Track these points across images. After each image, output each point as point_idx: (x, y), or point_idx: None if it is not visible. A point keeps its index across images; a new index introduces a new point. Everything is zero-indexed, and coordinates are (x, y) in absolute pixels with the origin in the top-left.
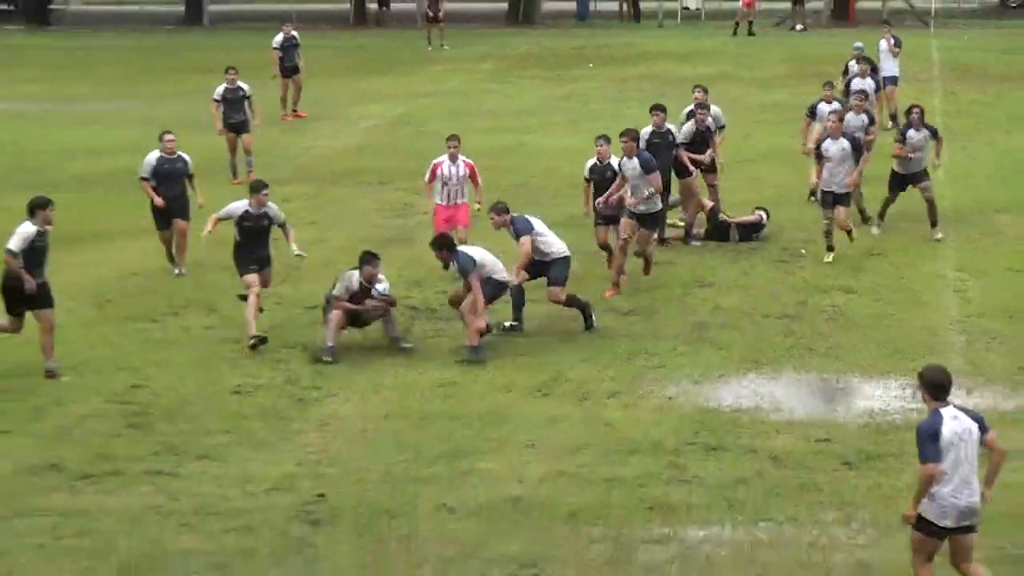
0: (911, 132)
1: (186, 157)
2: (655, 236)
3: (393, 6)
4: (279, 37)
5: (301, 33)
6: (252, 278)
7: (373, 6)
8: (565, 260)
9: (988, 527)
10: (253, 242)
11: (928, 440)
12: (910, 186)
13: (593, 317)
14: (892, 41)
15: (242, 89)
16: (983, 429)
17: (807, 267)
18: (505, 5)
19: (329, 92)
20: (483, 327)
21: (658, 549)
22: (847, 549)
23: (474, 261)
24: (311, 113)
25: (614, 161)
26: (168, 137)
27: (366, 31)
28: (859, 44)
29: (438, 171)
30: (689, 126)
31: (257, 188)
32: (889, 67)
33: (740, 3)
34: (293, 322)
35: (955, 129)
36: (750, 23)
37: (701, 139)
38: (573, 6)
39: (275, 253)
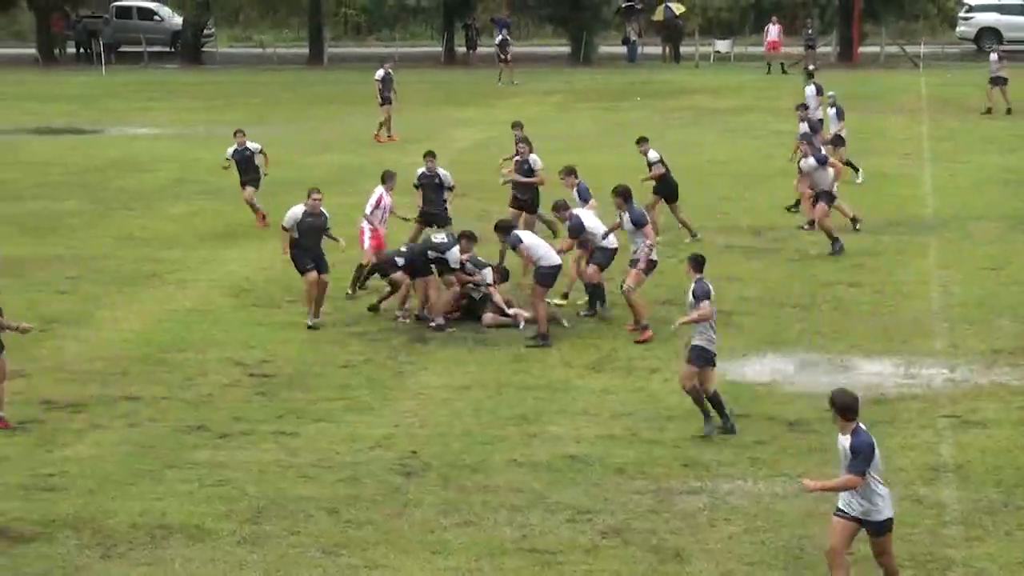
0: None
1: (327, 214)
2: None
3: (477, 48)
4: (380, 72)
5: (402, 70)
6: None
7: (461, 49)
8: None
9: (970, 483)
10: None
11: (868, 456)
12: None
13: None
14: (815, 88)
15: (249, 149)
16: None
17: (816, 265)
18: (569, 49)
19: (425, 119)
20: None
21: (692, 499)
22: None
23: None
24: (411, 136)
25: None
26: (316, 196)
27: (455, 69)
28: (832, 93)
29: (381, 202)
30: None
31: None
32: (813, 111)
33: (765, 47)
34: (393, 306)
35: (939, 150)
36: (782, 64)
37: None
38: (624, 50)
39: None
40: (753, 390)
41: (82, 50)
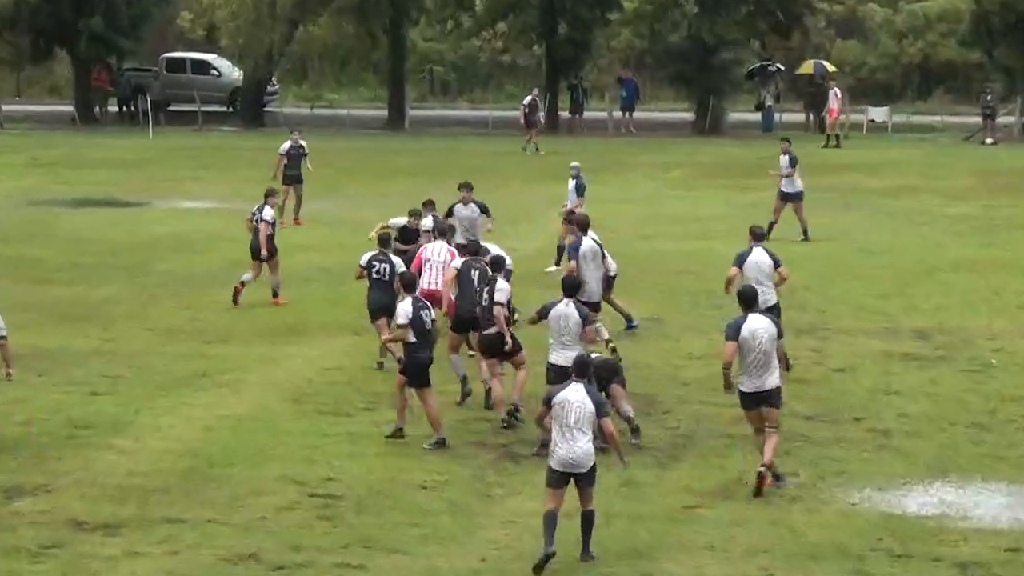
0: None
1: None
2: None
3: (586, 113)
4: (286, 145)
5: (496, 138)
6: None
7: (565, 113)
8: None
9: None
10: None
11: None
12: None
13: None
14: (788, 159)
15: None
16: None
17: (998, 376)
18: (692, 115)
19: (521, 197)
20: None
21: None
22: None
23: None
24: (504, 216)
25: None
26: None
27: (559, 137)
28: (575, 164)
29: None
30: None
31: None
32: (788, 183)
33: (829, 116)
34: (482, 419)
35: None
36: (837, 136)
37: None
38: (758, 117)
39: None
40: (918, 525)
41: (126, 108)
